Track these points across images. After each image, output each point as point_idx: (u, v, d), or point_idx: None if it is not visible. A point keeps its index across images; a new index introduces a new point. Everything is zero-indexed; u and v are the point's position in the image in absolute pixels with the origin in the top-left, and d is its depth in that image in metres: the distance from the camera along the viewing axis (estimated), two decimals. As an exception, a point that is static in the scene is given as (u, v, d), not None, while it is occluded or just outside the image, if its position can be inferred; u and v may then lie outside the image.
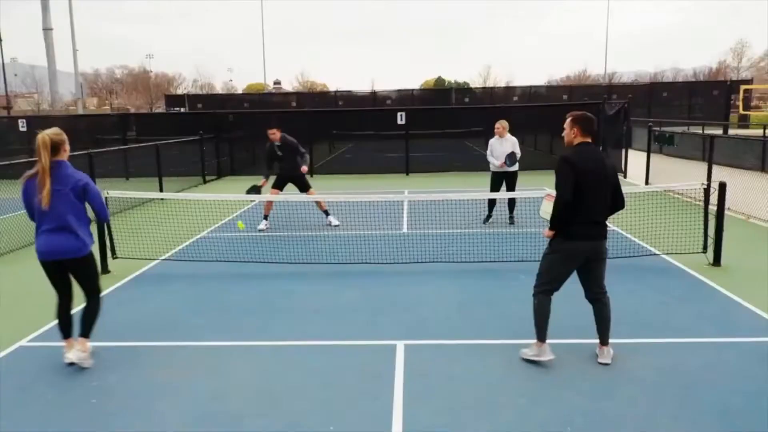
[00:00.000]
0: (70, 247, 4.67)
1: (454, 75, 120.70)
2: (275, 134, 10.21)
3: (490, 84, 73.22)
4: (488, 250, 8.12)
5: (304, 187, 10.41)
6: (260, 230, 10.11)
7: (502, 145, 9.97)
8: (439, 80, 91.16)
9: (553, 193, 4.67)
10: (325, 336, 5.46)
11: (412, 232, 9.77)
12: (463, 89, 57.49)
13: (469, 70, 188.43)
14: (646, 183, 14.56)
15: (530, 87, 45.64)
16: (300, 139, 10.70)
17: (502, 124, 10.08)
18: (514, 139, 10.05)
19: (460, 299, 6.46)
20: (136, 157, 17.34)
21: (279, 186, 10.46)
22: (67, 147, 4.80)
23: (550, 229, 4.68)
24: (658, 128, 18.28)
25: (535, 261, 7.65)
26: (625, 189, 4.85)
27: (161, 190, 14.54)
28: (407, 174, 18.56)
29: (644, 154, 15.47)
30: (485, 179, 10.43)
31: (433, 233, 9.43)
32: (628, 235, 8.97)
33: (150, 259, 8.10)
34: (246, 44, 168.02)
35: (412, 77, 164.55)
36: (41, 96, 69.00)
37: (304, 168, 10.23)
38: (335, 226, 10.30)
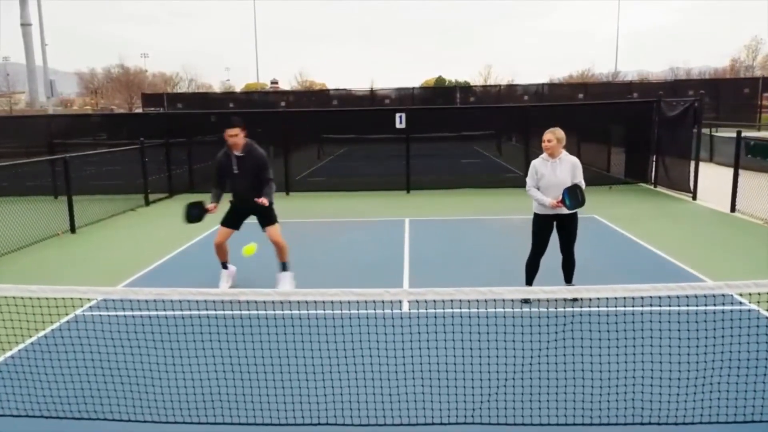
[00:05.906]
0: None
1: (454, 74, 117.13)
2: (236, 137, 6.63)
3: (491, 83, 69.58)
4: (551, 378, 4.34)
5: (267, 221, 6.76)
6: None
7: (556, 171, 5.90)
8: (440, 80, 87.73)
9: None
10: None
11: (420, 312, 5.90)
12: (466, 88, 53.81)
13: (469, 70, 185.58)
14: (732, 210, 10.80)
15: (542, 85, 41.90)
16: (277, 145, 6.98)
17: (554, 137, 5.89)
18: (575, 160, 6.00)
19: None
20: (77, 168, 13.46)
21: (232, 223, 6.83)
22: None
23: None
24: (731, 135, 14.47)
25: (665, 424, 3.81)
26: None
27: (72, 217, 10.76)
28: (408, 191, 14.74)
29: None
30: (510, 197, 6.72)
31: (450, 314, 5.45)
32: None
33: None
34: (248, 44, 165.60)
35: (412, 77, 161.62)
36: (14, 96, 65.46)
37: (264, 200, 6.56)
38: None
